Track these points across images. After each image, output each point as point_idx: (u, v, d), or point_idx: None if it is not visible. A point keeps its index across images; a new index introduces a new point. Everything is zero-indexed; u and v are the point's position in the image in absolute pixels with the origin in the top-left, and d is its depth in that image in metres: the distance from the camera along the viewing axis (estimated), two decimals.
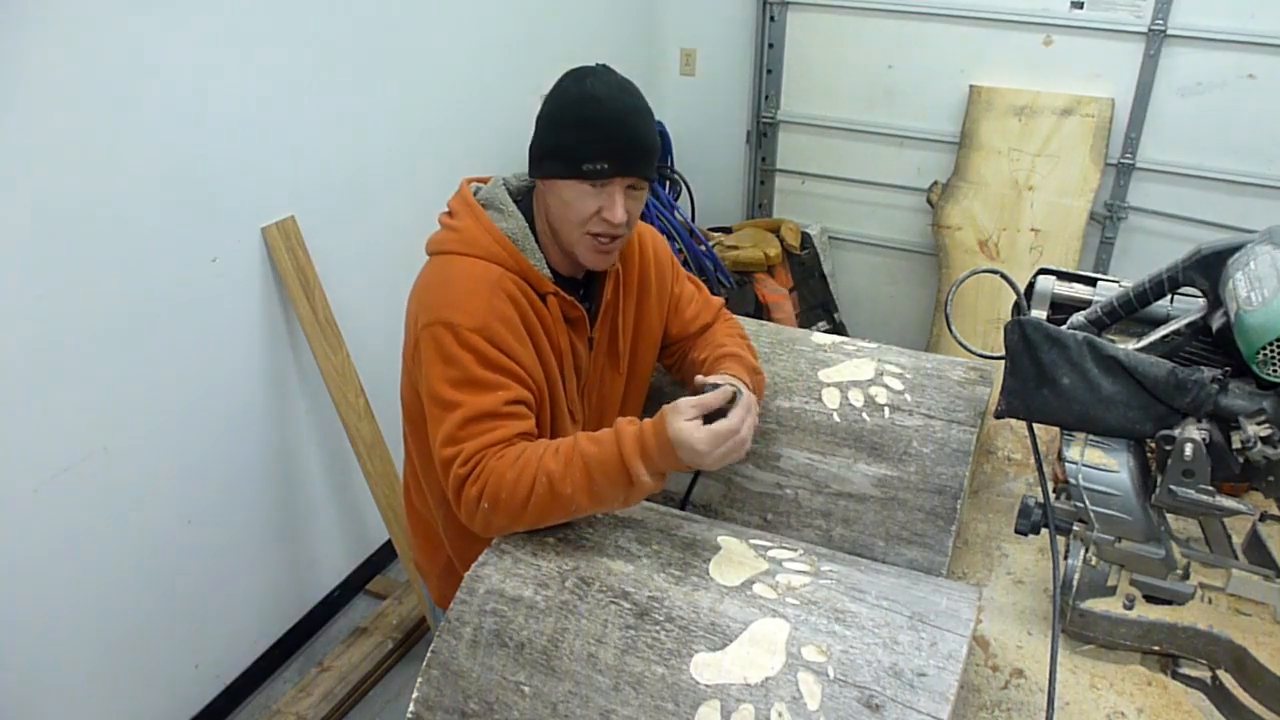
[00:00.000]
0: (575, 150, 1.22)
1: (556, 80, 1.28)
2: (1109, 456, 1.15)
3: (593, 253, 1.30)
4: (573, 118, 1.23)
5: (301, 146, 2.17)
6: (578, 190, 1.24)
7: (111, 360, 1.83)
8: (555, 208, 1.28)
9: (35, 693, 1.82)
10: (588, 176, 1.23)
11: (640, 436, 1.14)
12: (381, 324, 2.45)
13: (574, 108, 1.23)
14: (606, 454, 1.14)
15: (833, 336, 1.64)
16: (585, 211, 1.25)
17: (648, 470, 1.13)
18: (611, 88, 1.24)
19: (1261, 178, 2.95)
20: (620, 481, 1.14)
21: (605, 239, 1.28)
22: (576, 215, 1.26)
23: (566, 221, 1.27)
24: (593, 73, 1.26)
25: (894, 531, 1.36)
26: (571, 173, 1.24)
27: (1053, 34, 3.11)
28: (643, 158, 1.27)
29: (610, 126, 1.22)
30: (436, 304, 1.23)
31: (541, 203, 1.32)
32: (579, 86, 1.24)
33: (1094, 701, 1.13)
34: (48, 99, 1.63)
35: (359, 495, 2.57)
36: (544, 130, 1.27)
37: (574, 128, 1.23)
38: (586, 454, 1.15)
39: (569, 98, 1.24)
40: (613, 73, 1.28)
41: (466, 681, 1.11)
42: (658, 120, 3.87)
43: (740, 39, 3.58)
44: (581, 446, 1.16)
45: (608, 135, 1.22)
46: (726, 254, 3.41)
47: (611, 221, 1.25)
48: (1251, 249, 1.08)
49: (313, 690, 2.28)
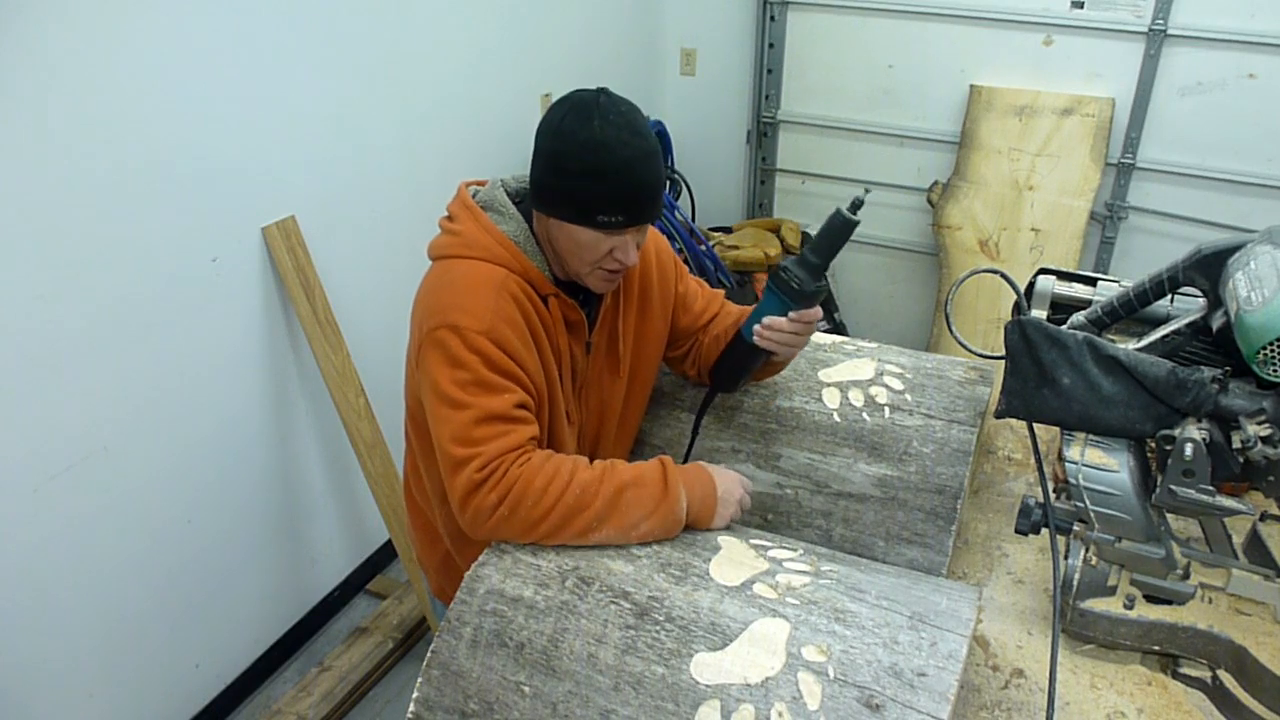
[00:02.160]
0: (588, 202, 1.20)
1: (556, 107, 1.21)
2: (1109, 456, 1.15)
3: (603, 282, 1.31)
4: (580, 167, 1.18)
5: (301, 146, 2.17)
6: (591, 235, 1.23)
7: (111, 360, 1.83)
8: (564, 242, 1.26)
9: (35, 692, 1.82)
10: (602, 227, 1.22)
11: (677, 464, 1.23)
12: (381, 324, 2.46)
13: (582, 155, 1.18)
14: (645, 473, 1.21)
15: (833, 336, 1.65)
16: (599, 253, 1.25)
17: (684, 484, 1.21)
18: (620, 130, 1.18)
19: (1261, 178, 2.95)
20: (651, 498, 1.18)
21: (617, 272, 1.29)
22: (590, 256, 1.25)
23: (578, 259, 1.27)
24: (598, 108, 1.19)
25: (894, 531, 1.36)
26: (584, 221, 1.22)
27: (1053, 34, 3.11)
28: (653, 206, 1.25)
29: (621, 180, 1.19)
30: (441, 307, 1.23)
31: (544, 225, 1.29)
32: (586, 129, 1.17)
33: (1094, 701, 1.13)
34: (48, 99, 1.63)
35: (359, 495, 2.57)
36: (549, 171, 1.22)
37: (584, 177, 1.19)
38: (621, 471, 1.20)
39: (576, 142, 1.18)
40: (617, 103, 1.21)
41: (466, 681, 1.11)
42: (657, 120, 3.87)
43: (740, 39, 3.58)
44: (618, 465, 1.21)
45: (620, 190, 1.20)
46: (727, 254, 3.41)
47: (625, 263, 1.26)
48: (1251, 249, 1.08)
49: (313, 690, 2.28)
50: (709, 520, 1.23)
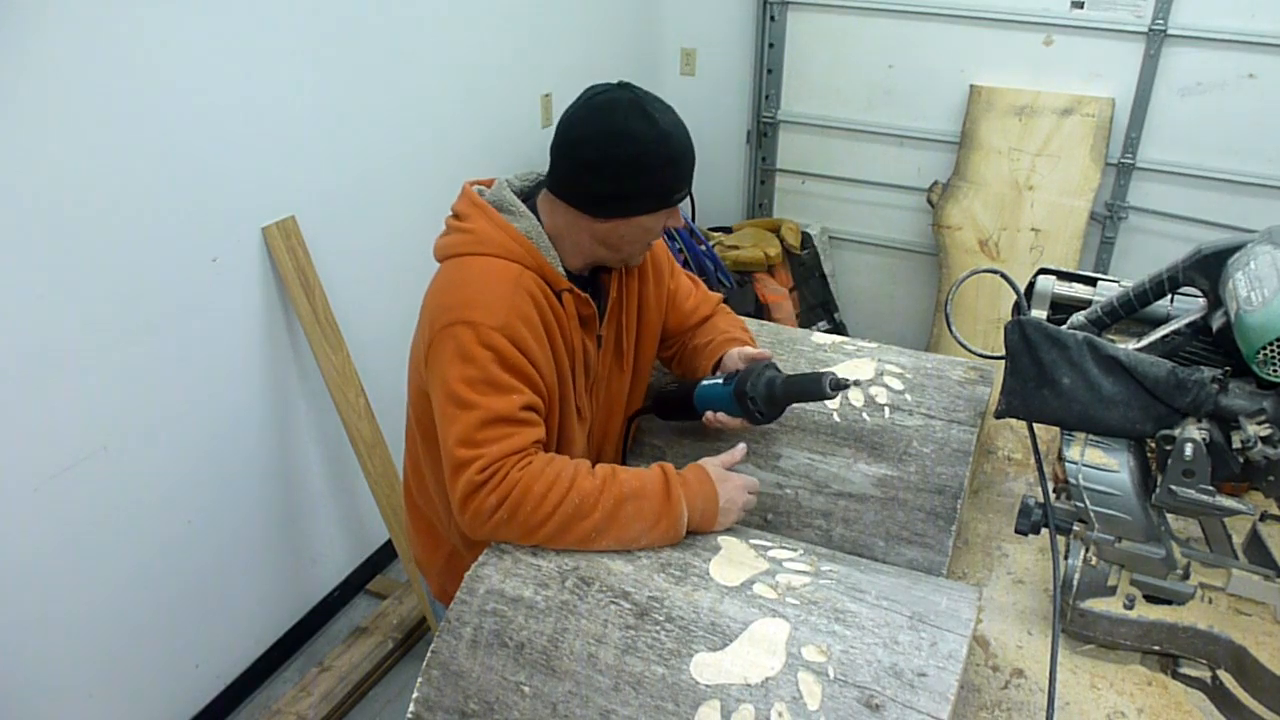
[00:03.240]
0: (669, 186, 1.28)
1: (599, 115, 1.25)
2: (1109, 456, 1.15)
3: (644, 255, 1.40)
4: (660, 159, 1.25)
5: (301, 146, 2.17)
6: (659, 217, 1.30)
7: (111, 360, 1.83)
8: (628, 236, 1.31)
9: (35, 692, 1.82)
10: (675, 204, 1.31)
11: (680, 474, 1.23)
12: (382, 324, 2.46)
13: (659, 149, 1.25)
14: (647, 484, 1.20)
15: (833, 336, 1.65)
16: (658, 231, 1.33)
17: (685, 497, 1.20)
18: (669, 113, 1.27)
19: (1261, 178, 2.95)
20: (652, 512, 1.18)
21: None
22: (652, 236, 1.34)
23: (639, 243, 1.34)
24: (646, 102, 1.26)
25: (894, 531, 1.36)
26: (663, 205, 1.29)
27: (1053, 34, 3.11)
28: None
29: (689, 156, 1.30)
30: (456, 304, 1.22)
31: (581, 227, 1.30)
32: (653, 126, 1.24)
33: (1094, 701, 1.13)
34: (48, 99, 1.63)
35: (359, 495, 2.57)
36: (627, 175, 1.25)
37: (663, 168, 1.26)
38: (623, 480, 1.19)
39: (651, 140, 1.24)
40: (645, 93, 1.29)
41: (466, 681, 1.11)
42: None
43: (740, 39, 3.58)
44: (619, 475, 1.21)
45: (689, 165, 1.30)
46: (727, 254, 3.41)
47: (676, 227, 1.35)
48: (1251, 249, 1.08)
49: (313, 690, 2.28)
50: (710, 528, 1.23)
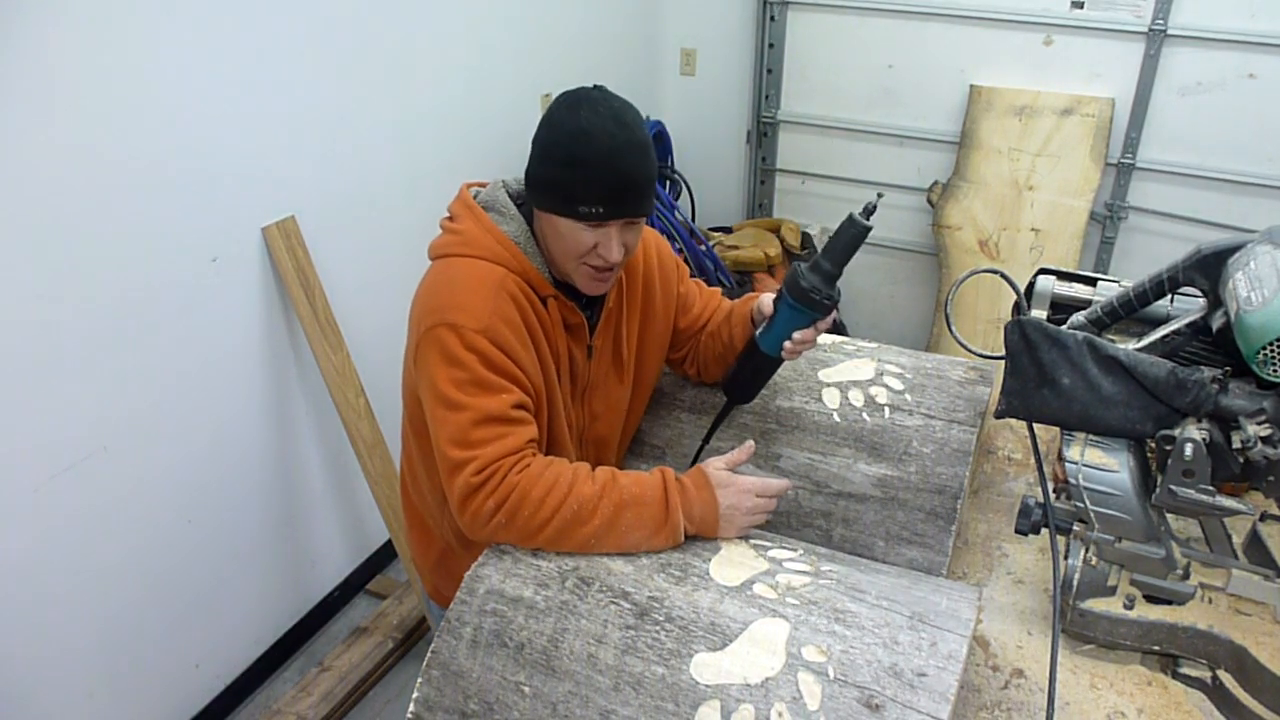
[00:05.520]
0: (569, 190, 1.20)
1: (554, 102, 1.23)
2: (1109, 456, 1.15)
3: (589, 280, 1.29)
4: (564, 155, 1.19)
5: (301, 146, 2.17)
6: (573, 227, 1.22)
7: (111, 360, 1.83)
8: (551, 237, 1.27)
9: (35, 692, 1.82)
10: (583, 218, 1.21)
11: (679, 480, 1.20)
12: (381, 324, 2.46)
13: (566, 143, 1.18)
14: (646, 491, 1.18)
15: (833, 336, 1.64)
16: (582, 247, 1.24)
17: (683, 511, 1.18)
18: (605, 120, 1.18)
19: (1261, 178, 2.95)
20: (651, 520, 1.17)
21: (603, 270, 1.27)
22: (573, 250, 1.24)
23: (563, 252, 1.26)
24: (588, 100, 1.19)
25: (894, 531, 1.36)
26: (567, 212, 1.21)
27: (1053, 34, 3.11)
28: (637, 198, 1.22)
29: (602, 168, 1.18)
30: (440, 306, 1.22)
31: (538, 221, 1.29)
32: (573, 119, 1.18)
33: (1094, 701, 1.13)
34: (48, 99, 1.63)
35: (359, 495, 2.57)
36: (537, 160, 1.23)
37: (567, 166, 1.19)
38: (624, 487, 1.18)
39: (562, 130, 1.19)
40: (609, 98, 1.21)
41: (466, 682, 1.11)
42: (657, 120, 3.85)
43: (740, 39, 3.58)
44: (619, 480, 1.19)
45: (601, 178, 1.18)
46: (727, 254, 3.41)
47: (609, 260, 1.24)
48: (1251, 249, 1.08)
49: (313, 690, 2.28)
50: (711, 535, 1.22)
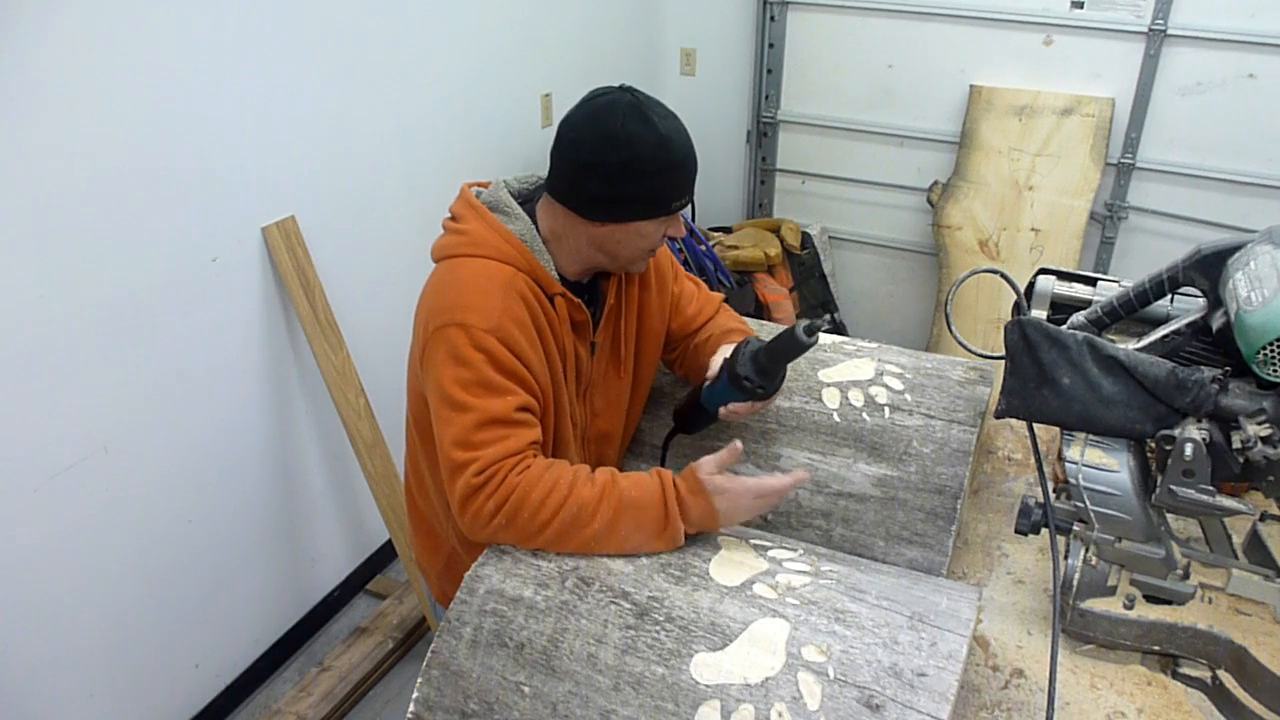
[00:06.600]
0: (664, 194, 1.26)
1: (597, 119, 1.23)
2: (1109, 456, 1.15)
3: (645, 263, 1.37)
4: (656, 166, 1.24)
5: (301, 146, 2.17)
6: (657, 224, 1.29)
7: (111, 360, 1.83)
8: (625, 242, 1.29)
9: (35, 692, 1.82)
10: (674, 211, 1.29)
11: (675, 484, 1.19)
12: (381, 324, 2.46)
13: (655, 155, 1.23)
14: (646, 495, 1.17)
15: (833, 336, 1.64)
16: (658, 239, 1.31)
17: (682, 517, 1.17)
18: (670, 119, 1.26)
19: (1261, 178, 2.95)
20: (651, 524, 1.16)
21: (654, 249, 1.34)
22: (650, 244, 1.31)
23: (638, 250, 1.31)
24: (646, 107, 1.24)
25: (894, 531, 1.36)
26: (660, 213, 1.27)
27: (1053, 34, 3.11)
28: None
29: (689, 164, 1.28)
30: (448, 306, 1.22)
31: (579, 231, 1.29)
32: (652, 131, 1.22)
33: (1094, 701, 1.13)
34: (48, 99, 1.63)
35: (359, 495, 2.57)
36: (622, 179, 1.23)
37: (661, 173, 1.24)
38: (623, 490, 1.17)
39: (648, 144, 1.22)
40: (650, 98, 1.27)
41: (466, 681, 1.11)
42: None
43: (740, 39, 3.58)
44: (619, 483, 1.19)
45: (689, 173, 1.28)
46: (727, 254, 3.41)
47: (676, 237, 1.33)
48: (1251, 249, 1.08)
49: (313, 690, 2.28)
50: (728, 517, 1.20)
